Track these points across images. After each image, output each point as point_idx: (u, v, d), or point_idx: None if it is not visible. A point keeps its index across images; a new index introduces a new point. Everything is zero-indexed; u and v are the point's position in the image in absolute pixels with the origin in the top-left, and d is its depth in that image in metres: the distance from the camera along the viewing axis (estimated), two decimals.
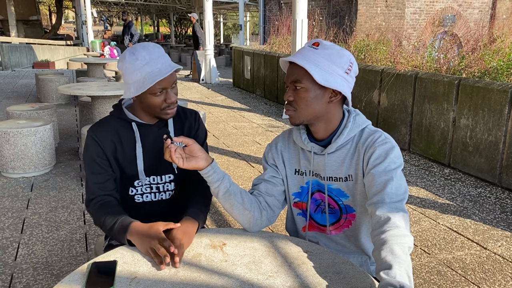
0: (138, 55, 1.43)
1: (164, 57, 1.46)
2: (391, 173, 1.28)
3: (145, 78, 1.42)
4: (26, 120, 4.39)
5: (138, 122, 1.56)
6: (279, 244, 1.33)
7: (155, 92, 1.44)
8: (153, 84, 1.41)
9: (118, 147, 1.55)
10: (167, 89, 1.47)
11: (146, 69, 1.42)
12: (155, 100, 1.46)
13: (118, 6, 40.42)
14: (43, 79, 7.91)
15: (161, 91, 1.45)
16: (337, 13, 12.67)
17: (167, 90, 1.47)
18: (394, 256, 1.08)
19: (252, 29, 32.33)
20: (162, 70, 1.42)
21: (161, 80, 1.43)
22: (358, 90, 5.90)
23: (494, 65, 4.47)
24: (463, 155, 4.41)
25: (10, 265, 2.62)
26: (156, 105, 1.48)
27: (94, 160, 1.52)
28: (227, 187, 1.37)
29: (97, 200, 1.51)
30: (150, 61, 1.43)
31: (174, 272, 1.18)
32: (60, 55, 18.68)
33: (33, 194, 3.73)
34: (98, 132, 1.53)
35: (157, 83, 1.43)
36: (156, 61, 1.43)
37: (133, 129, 1.56)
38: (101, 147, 1.52)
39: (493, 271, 2.63)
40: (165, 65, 1.44)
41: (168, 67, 1.44)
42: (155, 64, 1.43)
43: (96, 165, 1.52)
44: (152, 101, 1.47)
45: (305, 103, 1.33)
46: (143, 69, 1.42)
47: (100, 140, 1.52)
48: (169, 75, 1.45)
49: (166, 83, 1.45)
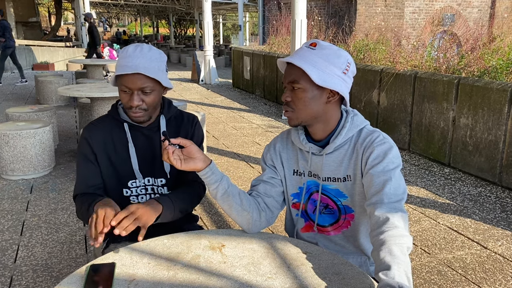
0: (125, 49, 1.50)
1: (140, 58, 1.45)
2: (390, 173, 1.28)
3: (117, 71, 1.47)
4: (26, 122, 4.38)
5: (130, 123, 1.58)
6: (278, 245, 1.33)
7: (121, 88, 1.48)
8: (114, 75, 1.47)
9: (111, 147, 1.58)
10: (133, 91, 1.47)
11: (119, 62, 1.48)
12: (121, 96, 1.50)
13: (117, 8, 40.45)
14: (43, 80, 7.91)
15: (125, 90, 1.47)
16: (336, 13, 12.67)
17: (132, 92, 1.47)
18: (393, 257, 1.07)
19: (251, 29, 32.33)
20: (125, 67, 1.44)
21: (124, 78, 1.45)
22: (357, 90, 5.89)
23: (494, 64, 4.46)
24: (463, 154, 4.40)
25: (9, 267, 2.61)
26: (122, 101, 1.51)
27: (82, 159, 1.58)
28: (226, 188, 1.37)
29: (79, 196, 1.57)
30: (126, 57, 1.46)
31: (172, 274, 1.18)
32: (60, 57, 18.68)
33: (32, 196, 3.73)
34: (91, 131, 1.59)
35: (121, 79, 1.46)
36: (130, 59, 1.45)
37: (125, 129, 1.58)
38: (91, 146, 1.56)
39: (494, 270, 2.63)
40: (132, 65, 1.44)
41: (131, 68, 1.43)
42: (126, 61, 1.45)
43: (84, 163, 1.57)
44: (120, 96, 1.51)
45: (303, 104, 1.33)
46: (117, 62, 1.49)
47: (92, 139, 1.57)
48: (133, 80, 1.44)
49: (130, 84, 1.45)
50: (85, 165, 1.58)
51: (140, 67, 1.44)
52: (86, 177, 1.58)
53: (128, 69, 1.43)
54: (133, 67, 1.43)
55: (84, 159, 1.57)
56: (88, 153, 1.57)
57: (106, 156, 1.58)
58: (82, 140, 1.58)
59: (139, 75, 1.44)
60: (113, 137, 1.58)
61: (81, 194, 1.57)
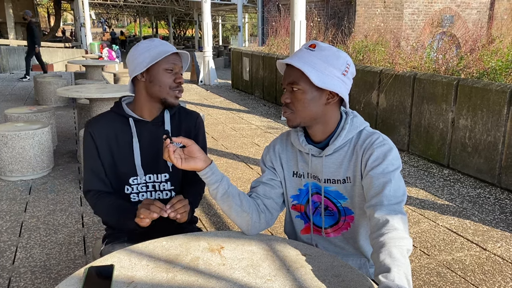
0: (143, 42, 1.56)
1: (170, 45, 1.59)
2: (389, 175, 1.28)
3: (159, 53, 1.52)
4: (24, 122, 4.38)
5: (135, 118, 1.58)
6: (277, 247, 1.33)
7: (168, 67, 1.53)
8: (167, 55, 1.51)
9: (113, 143, 1.58)
10: (178, 70, 1.57)
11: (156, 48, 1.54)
12: (166, 76, 1.54)
13: (117, 8, 40.44)
14: (41, 81, 7.90)
15: (172, 69, 1.54)
16: (335, 14, 12.68)
17: (178, 70, 1.56)
18: (392, 259, 1.07)
19: (250, 30, 32.36)
20: (169, 49, 1.54)
21: (172, 58, 1.54)
22: (356, 91, 5.89)
23: (493, 65, 4.47)
24: (462, 155, 4.40)
25: (8, 269, 2.61)
26: (167, 83, 1.54)
27: (89, 153, 1.58)
28: (226, 189, 1.36)
29: (93, 193, 1.58)
30: (159, 45, 1.55)
31: (171, 276, 1.17)
32: (59, 57, 18.65)
33: (31, 197, 3.72)
34: (94, 126, 1.59)
35: (170, 58, 1.53)
36: (163, 45, 1.56)
37: (129, 124, 1.58)
38: (94, 141, 1.57)
39: (493, 272, 2.63)
40: (172, 48, 1.56)
41: (175, 49, 1.56)
42: (164, 47, 1.55)
43: (91, 157, 1.58)
44: (164, 79, 1.53)
45: (302, 105, 1.32)
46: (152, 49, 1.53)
47: (95, 133, 1.57)
48: (178, 59, 1.57)
49: (177, 64, 1.56)
50: (94, 159, 1.58)
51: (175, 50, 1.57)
52: (97, 170, 1.58)
53: (175, 49, 1.55)
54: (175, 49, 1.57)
55: (91, 153, 1.58)
56: (94, 147, 1.58)
57: (109, 152, 1.58)
58: (87, 134, 1.58)
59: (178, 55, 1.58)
60: (116, 133, 1.59)
61: (95, 195, 1.58)
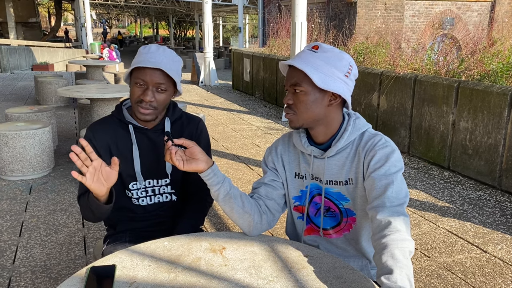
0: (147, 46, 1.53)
1: (163, 57, 1.49)
2: (392, 176, 1.28)
3: (135, 63, 1.49)
4: (25, 122, 4.38)
5: (135, 125, 1.57)
6: (279, 248, 1.33)
7: (136, 81, 1.48)
8: (132, 68, 1.47)
9: (114, 148, 1.58)
10: (148, 85, 1.48)
11: (139, 57, 1.49)
12: (134, 89, 1.50)
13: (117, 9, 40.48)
14: (42, 81, 7.90)
15: (141, 83, 1.48)
16: (336, 15, 12.69)
17: (147, 87, 1.48)
18: (395, 261, 1.07)
19: (251, 31, 32.38)
20: (147, 62, 1.46)
21: (142, 72, 1.47)
22: (357, 93, 5.90)
23: (494, 67, 4.47)
24: (463, 158, 4.40)
25: (8, 269, 2.60)
26: (133, 95, 1.51)
27: None
28: (227, 190, 1.36)
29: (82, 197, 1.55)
30: (149, 53, 1.49)
31: (173, 277, 1.17)
32: (59, 57, 18.67)
33: (31, 197, 3.72)
34: (95, 131, 1.58)
35: (138, 72, 1.47)
36: (152, 55, 1.48)
37: (129, 131, 1.57)
38: (95, 146, 1.54)
39: (493, 274, 2.63)
40: (154, 61, 1.47)
41: (153, 63, 1.46)
42: (149, 56, 1.48)
43: None
44: (132, 90, 1.51)
45: (304, 107, 1.32)
46: (137, 57, 1.50)
47: (95, 139, 1.56)
48: (152, 75, 1.47)
49: (148, 78, 1.47)
50: None
51: (162, 64, 1.46)
52: None
53: (150, 64, 1.45)
54: (155, 63, 1.46)
55: None
56: None
57: (109, 157, 1.57)
58: (87, 140, 1.56)
59: (159, 71, 1.47)
60: (116, 139, 1.58)
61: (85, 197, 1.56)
